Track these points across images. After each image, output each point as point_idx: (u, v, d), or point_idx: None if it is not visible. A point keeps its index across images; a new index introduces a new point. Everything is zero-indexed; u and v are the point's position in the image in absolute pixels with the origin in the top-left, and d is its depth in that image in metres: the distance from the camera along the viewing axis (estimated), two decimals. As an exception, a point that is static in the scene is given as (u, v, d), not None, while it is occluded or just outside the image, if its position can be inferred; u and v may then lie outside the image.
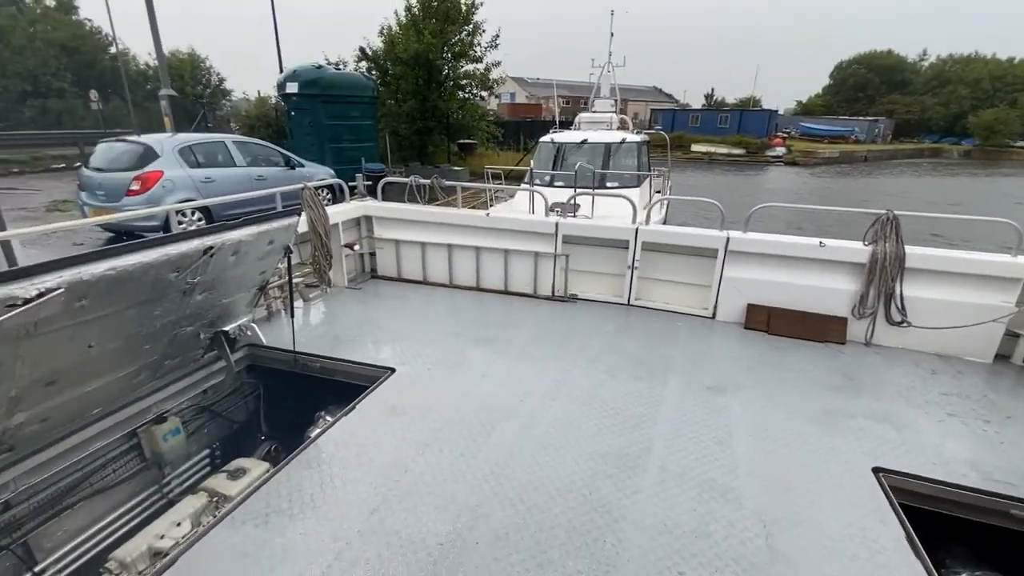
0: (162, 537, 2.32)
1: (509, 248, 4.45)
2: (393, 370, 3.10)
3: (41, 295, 1.70)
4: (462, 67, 21.45)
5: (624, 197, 4.62)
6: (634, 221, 4.27)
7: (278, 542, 1.85)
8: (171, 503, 2.92)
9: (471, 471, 2.25)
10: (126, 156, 8.80)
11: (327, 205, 4.25)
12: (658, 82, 66.51)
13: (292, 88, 13.92)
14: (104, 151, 9.12)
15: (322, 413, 3.26)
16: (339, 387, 3.28)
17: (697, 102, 63.24)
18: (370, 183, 5.05)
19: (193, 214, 8.90)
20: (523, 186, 8.88)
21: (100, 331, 2.11)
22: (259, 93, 25.45)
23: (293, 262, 3.31)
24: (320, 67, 14.58)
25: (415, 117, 20.93)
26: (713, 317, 4.07)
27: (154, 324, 2.41)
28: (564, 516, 2.00)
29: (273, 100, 22.22)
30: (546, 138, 9.94)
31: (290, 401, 3.53)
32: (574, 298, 4.38)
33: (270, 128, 20.48)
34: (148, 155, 8.67)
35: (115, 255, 1.92)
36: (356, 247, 4.73)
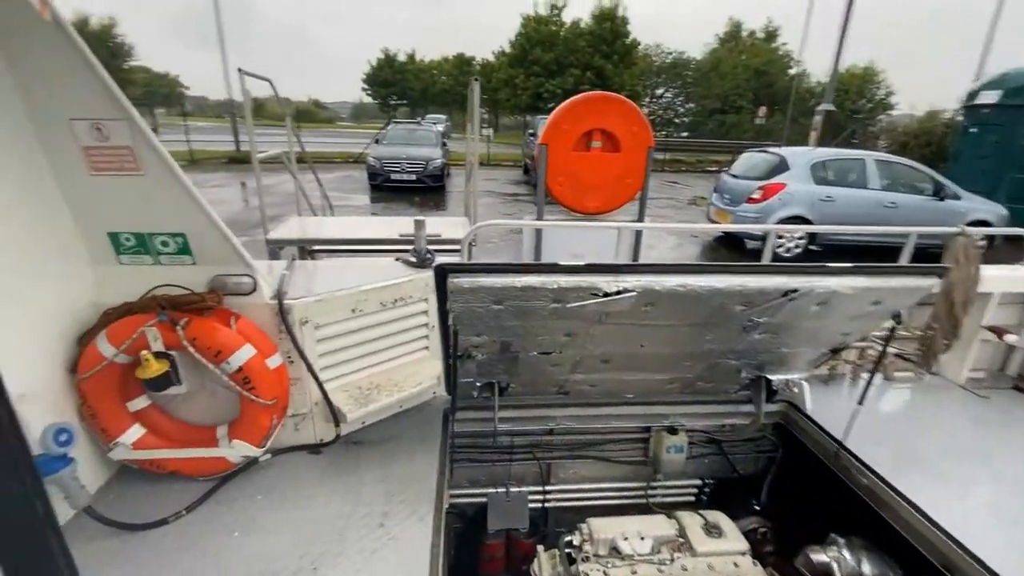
0: (625, 539, 2.25)
1: None
2: None
3: (619, 292, 1.76)
4: None
5: None
6: None
7: None
8: (647, 509, 2.91)
9: None
10: (761, 165, 9.48)
11: (981, 259, 2.85)
12: None
13: (987, 98, 10.77)
14: (745, 160, 10.19)
15: (841, 541, 2.31)
16: (877, 523, 2.20)
17: None
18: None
19: (797, 235, 8.69)
20: None
21: (653, 336, 2.13)
22: (931, 106, 21.79)
23: (896, 326, 2.33)
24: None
25: None
26: None
27: (702, 346, 2.25)
28: None
29: (948, 114, 18.40)
30: None
31: (809, 495, 2.74)
32: None
33: (929, 148, 17.24)
34: (780, 167, 8.98)
35: (689, 272, 1.76)
36: (1009, 336, 3.01)
